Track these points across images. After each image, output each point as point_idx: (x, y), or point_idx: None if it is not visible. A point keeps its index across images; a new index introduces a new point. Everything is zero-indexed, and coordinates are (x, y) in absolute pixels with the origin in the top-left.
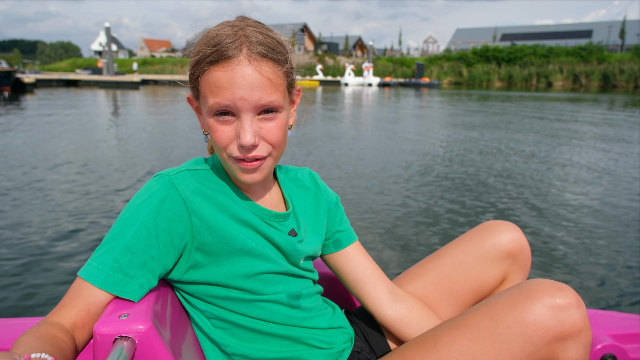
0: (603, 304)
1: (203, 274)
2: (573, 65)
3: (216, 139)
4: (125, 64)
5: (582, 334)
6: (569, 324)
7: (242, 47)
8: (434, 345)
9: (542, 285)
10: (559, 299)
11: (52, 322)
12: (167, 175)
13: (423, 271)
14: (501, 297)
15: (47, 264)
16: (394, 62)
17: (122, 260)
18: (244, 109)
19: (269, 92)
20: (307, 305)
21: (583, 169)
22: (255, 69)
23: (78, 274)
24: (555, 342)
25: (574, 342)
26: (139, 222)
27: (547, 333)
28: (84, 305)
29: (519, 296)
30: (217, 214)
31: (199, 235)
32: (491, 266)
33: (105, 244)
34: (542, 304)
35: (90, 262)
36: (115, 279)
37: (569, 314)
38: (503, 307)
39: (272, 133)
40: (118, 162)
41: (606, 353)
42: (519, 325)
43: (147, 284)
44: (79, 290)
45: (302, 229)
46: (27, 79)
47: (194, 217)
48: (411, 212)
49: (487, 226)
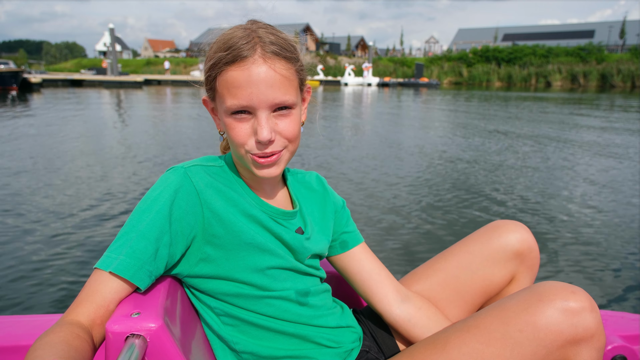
0: (613, 305)
1: (213, 267)
2: (572, 65)
3: (234, 137)
4: (129, 64)
5: (596, 338)
6: (582, 328)
7: (256, 47)
8: (444, 347)
9: (555, 288)
10: (572, 303)
11: (72, 322)
12: (182, 167)
13: (430, 271)
14: (512, 300)
15: (46, 263)
16: (395, 62)
17: (137, 246)
18: (260, 107)
19: (283, 90)
20: (316, 303)
21: (592, 169)
22: (269, 67)
23: (95, 266)
24: (568, 346)
25: (587, 346)
26: (155, 210)
27: (560, 337)
28: (103, 300)
29: (531, 299)
30: (228, 207)
31: (210, 227)
32: (499, 266)
33: (121, 234)
34: (555, 307)
35: (107, 253)
36: (128, 264)
37: (582, 318)
38: (514, 310)
39: (287, 129)
40: (133, 154)
41: (617, 354)
42: (531, 329)
43: (156, 272)
44: (96, 285)
45: (308, 228)
46: (34, 79)
47: (206, 209)
48: (417, 212)
49: (494, 226)
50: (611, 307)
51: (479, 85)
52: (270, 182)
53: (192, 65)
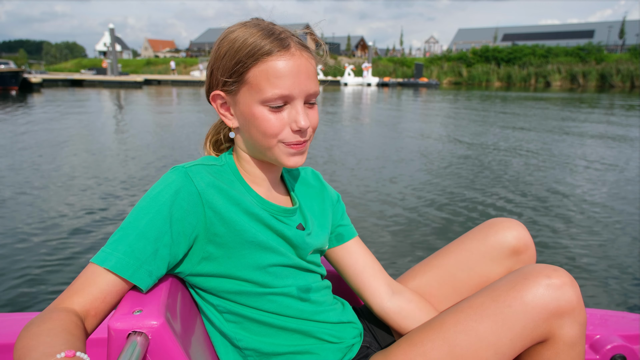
0: (613, 305)
1: (215, 266)
2: (571, 65)
3: (268, 128)
4: (129, 64)
5: (577, 311)
6: (564, 300)
7: (291, 39)
8: (440, 328)
9: (539, 267)
10: (554, 279)
11: (68, 310)
12: (184, 168)
13: (427, 268)
14: (501, 281)
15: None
16: (395, 62)
17: (136, 245)
18: (300, 96)
19: (315, 82)
20: (317, 299)
21: (590, 167)
22: (306, 60)
23: (91, 260)
24: (553, 318)
25: (569, 318)
26: (154, 210)
27: (545, 309)
28: (100, 293)
29: (518, 278)
30: (230, 206)
31: (212, 226)
32: (496, 263)
33: (119, 231)
34: (539, 283)
35: (104, 249)
36: (126, 263)
37: (563, 292)
38: (503, 289)
39: (315, 119)
40: (132, 155)
41: (616, 353)
42: (519, 304)
43: (157, 272)
44: (93, 277)
45: (309, 223)
46: (34, 78)
47: (208, 208)
48: (415, 210)
49: (491, 223)
50: (611, 307)
51: (479, 85)
52: (272, 180)
53: (192, 65)
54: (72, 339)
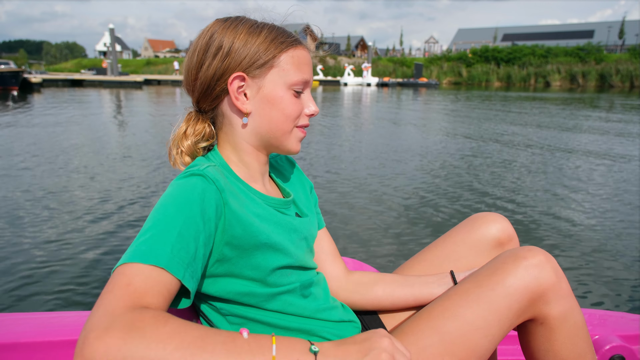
0: (612, 305)
1: (225, 267)
2: (571, 65)
3: (293, 110)
4: (129, 64)
5: (558, 285)
6: (543, 278)
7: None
8: (429, 317)
9: (515, 251)
10: (530, 259)
11: (151, 310)
12: (200, 170)
13: (416, 261)
14: (483, 268)
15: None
16: (395, 62)
17: (179, 245)
18: (310, 85)
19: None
20: (318, 294)
21: (590, 167)
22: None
23: (137, 261)
24: (536, 297)
25: (552, 294)
26: (187, 209)
27: (527, 289)
28: (169, 293)
29: (497, 264)
30: (242, 208)
31: (230, 228)
32: (481, 255)
33: (157, 235)
34: (518, 265)
35: (151, 247)
36: (177, 263)
37: (541, 270)
38: (485, 275)
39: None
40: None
41: (615, 354)
42: (501, 287)
43: (196, 275)
44: (155, 277)
45: (304, 210)
46: (34, 79)
47: (227, 209)
48: (405, 208)
49: (476, 218)
50: (610, 307)
51: (478, 85)
52: (264, 173)
53: None
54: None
